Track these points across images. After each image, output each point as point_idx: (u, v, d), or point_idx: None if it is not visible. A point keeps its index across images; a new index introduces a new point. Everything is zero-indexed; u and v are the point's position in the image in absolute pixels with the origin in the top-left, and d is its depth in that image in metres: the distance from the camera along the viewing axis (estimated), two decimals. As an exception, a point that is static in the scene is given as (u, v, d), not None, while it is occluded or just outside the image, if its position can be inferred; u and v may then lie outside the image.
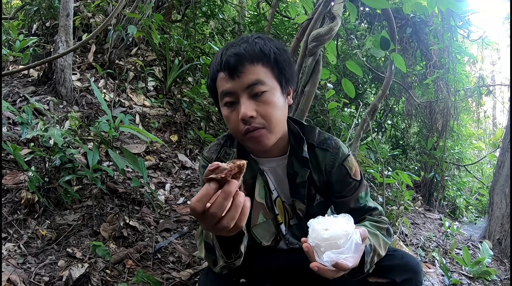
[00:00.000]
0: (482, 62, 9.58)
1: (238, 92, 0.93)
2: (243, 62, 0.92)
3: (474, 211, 4.81)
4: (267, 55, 0.94)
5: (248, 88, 0.92)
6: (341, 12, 1.82)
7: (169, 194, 2.21)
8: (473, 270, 2.32)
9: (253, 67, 0.93)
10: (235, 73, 0.92)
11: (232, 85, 0.93)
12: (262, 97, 0.93)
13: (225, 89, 0.94)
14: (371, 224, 1.03)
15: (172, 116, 2.95)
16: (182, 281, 1.53)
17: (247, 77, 0.92)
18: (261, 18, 4.30)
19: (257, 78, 0.92)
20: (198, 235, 1.02)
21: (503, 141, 3.54)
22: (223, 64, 0.93)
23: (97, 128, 1.68)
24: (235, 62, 0.92)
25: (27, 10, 3.25)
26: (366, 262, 0.89)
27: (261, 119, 0.93)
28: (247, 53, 0.93)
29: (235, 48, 0.94)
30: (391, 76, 2.36)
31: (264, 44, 0.95)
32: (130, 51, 3.38)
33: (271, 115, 0.94)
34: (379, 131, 4.87)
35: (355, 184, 1.07)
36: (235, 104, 0.94)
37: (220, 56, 0.96)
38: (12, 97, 2.36)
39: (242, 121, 0.92)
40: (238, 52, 0.93)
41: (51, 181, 1.67)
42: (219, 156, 1.10)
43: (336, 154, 1.06)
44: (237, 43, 0.96)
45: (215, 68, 0.97)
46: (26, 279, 1.31)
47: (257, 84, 0.92)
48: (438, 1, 1.72)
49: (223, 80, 0.94)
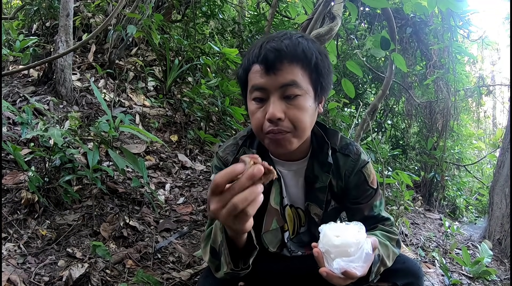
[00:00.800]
0: (482, 62, 9.59)
1: (270, 90, 0.88)
2: (282, 60, 0.87)
3: (474, 211, 4.81)
4: (309, 58, 0.89)
5: (281, 88, 0.88)
6: (341, 12, 1.82)
7: (169, 194, 2.21)
8: (473, 270, 2.32)
9: (291, 67, 0.88)
10: (271, 69, 0.87)
11: (266, 81, 0.88)
12: (294, 100, 0.89)
13: (257, 84, 0.89)
14: (382, 234, 1.03)
15: (172, 116, 2.95)
16: (182, 281, 1.53)
17: (283, 76, 0.87)
18: (261, 18, 4.30)
19: (293, 79, 0.88)
20: (204, 238, 1.00)
21: (503, 141, 3.54)
22: (261, 57, 0.88)
23: (97, 128, 1.68)
24: (274, 58, 0.87)
25: (27, 10, 3.25)
26: (372, 271, 0.88)
27: (289, 123, 0.89)
28: (288, 51, 0.87)
29: (276, 43, 0.88)
30: (391, 76, 2.36)
31: (307, 46, 0.90)
32: (130, 51, 3.38)
33: (300, 120, 0.89)
34: (379, 131, 4.88)
35: (371, 192, 1.07)
36: (264, 101, 0.90)
37: (259, 48, 0.90)
38: (12, 97, 2.36)
39: (269, 121, 0.88)
40: (279, 48, 0.87)
41: (51, 181, 1.68)
42: (237, 157, 1.05)
43: (356, 160, 1.05)
44: (279, 38, 0.90)
45: (251, 59, 0.91)
46: (26, 279, 1.31)
47: (292, 85, 0.88)
48: (438, 1, 1.71)
49: (257, 73, 0.89)
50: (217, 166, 1.08)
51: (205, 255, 0.95)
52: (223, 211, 0.66)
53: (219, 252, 0.86)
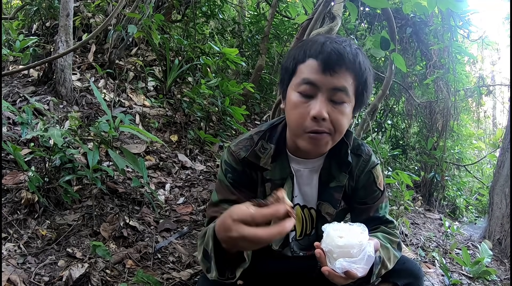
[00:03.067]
0: (482, 62, 9.58)
1: (321, 88, 0.89)
2: (342, 64, 0.88)
3: (474, 211, 4.81)
4: (362, 71, 0.92)
5: (332, 90, 0.89)
6: (341, 12, 1.82)
7: (169, 194, 2.21)
8: (473, 270, 2.32)
9: (347, 74, 0.90)
10: (329, 69, 0.88)
11: (321, 78, 0.89)
12: (339, 105, 0.91)
13: (310, 79, 0.89)
14: (384, 236, 1.03)
15: (172, 116, 2.95)
16: (182, 281, 1.53)
17: (338, 80, 0.89)
18: (261, 18, 4.30)
19: (345, 85, 0.90)
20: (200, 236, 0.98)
21: (503, 141, 3.54)
22: (322, 55, 0.88)
23: (97, 128, 1.68)
24: (335, 59, 0.88)
25: (27, 10, 3.25)
26: (373, 273, 0.90)
27: (330, 125, 0.91)
28: (348, 58, 0.89)
29: (338, 46, 0.90)
30: (391, 76, 2.36)
31: (363, 60, 0.93)
32: (130, 51, 3.38)
33: (340, 124, 0.92)
34: (379, 131, 4.87)
35: (378, 193, 1.09)
36: (310, 97, 0.91)
37: (320, 45, 0.90)
38: (12, 97, 2.36)
39: (313, 119, 0.89)
40: (342, 53, 0.89)
41: (51, 181, 1.67)
42: (255, 149, 1.04)
43: (367, 161, 1.07)
44: (340, 43, 0.91)
45: (308, 53, 0.91)
46: (26, 279, 1.31)
47: (342, 91, 0.90)
48: (438, 1, 1.71)
49: (313, 69, 0.89)
50: (226, 161, 1.06)
51: (199, 253, 0.95)
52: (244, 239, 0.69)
53: (210, 256, 0.86)
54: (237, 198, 1.03)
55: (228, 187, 1.04)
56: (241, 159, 1.04)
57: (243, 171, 1.05)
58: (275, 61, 4.61)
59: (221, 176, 1.07)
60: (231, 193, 1.04)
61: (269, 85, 4.45)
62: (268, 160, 1.04)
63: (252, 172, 1.05)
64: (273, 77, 4.38)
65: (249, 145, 1.06)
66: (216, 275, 0.84)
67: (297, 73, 0.93)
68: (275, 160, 1.04)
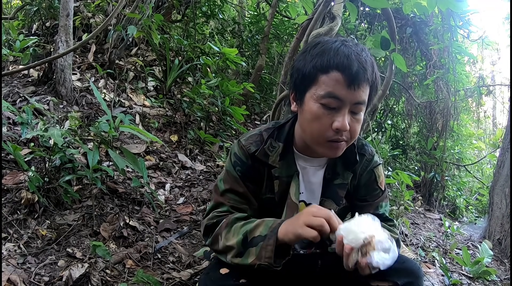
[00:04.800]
0: (482, 62, 9.58)
1: (346, 103, 0.92)
2: (365, 79, 0.92)
3: (474, 211, 4.81)
4: (376, 80, 0.96)
5: (355, 104, 0.93)
6: (341, 12, 1.82)
7: (169, 194, 2.21)
8: (473, 270, 2.32)
9: (367, 87, 0.94)
10: (354, 84, 0.90)
11: (346, 94, 0.91)
12: (357, 115, 0.95)
13: (337, 94, 0.91)
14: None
15: (172, 116, 2.95)
16: (182, 281, 1.53)
17: (360, 94, 0.92)
18: (261, 18, 4.31)
19: (365, 99, 0.94)
20: (232, 223, 1.01)
21: (503, 141, 3.54)
22: (348, 69, 0.90)
23: (97, 128, 1.68)
24: (361, 75, 0.90)
25: (27, 10, 3.25)
26: None
27: (349, 134, 0.96)
28: (367, 71, 0.92)
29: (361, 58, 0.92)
30: (391, 76, 2.36)
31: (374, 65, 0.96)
32: (130, 51, 3.38)
33: (357, 132, 0.97)
34: (379, 131, 4.87)
35: (378, 192, 1.13)
36: (333, 109, 0.93)
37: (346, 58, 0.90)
38: (12, 97, 2.36)
39: (336, 130, 0.93)
40: (365, 67, 0.91)
41: (51, 181, 1.67)
42: (264, 147, 1.07)
43: (370, 160, 1.11)
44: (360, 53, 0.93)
45: (332, 63, 0.91)
46: (26, 279, 1.31)
47: (362, 104, 0.94)
48: (438, 1, 1.71)
49: (338, 82, 0.90)
50: (236, 154, 1.09)
51: (229, 240, 0.97)
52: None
53: (249, 243, 0.93)
54: (244, 191, 1.07)
55: (236, 179, 1.07)
56: (251, 154, 1.07)
57: (251, 165, 1.08)
58: (275, 61, 4.61)
59: (229, 167, 1.09)
60: (238, 185, 1.07)
61: (269, 85, 4.45)
62: (276, 158, 1.07)
63: (260, 167, 1.08)
64: (273, 77, 4.38)
65: (259, 141, 1.08)
66: (268, 261, 0.90)
67: (319, 83, 0.93)
68: (282, 158, 1.07)
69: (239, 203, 1.06)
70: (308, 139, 1.01)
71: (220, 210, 1.06)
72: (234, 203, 1.06)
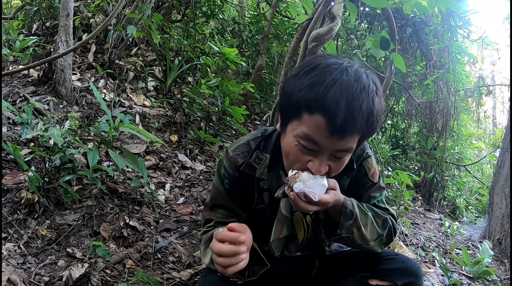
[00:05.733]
0: (482, 62, 9.57)
1: (325, 150, 0.83)
2: (352, 128, 0.80)
3: (474, 211, 4.81)
4: (373, 128, 0.85)
5: (336, 152, 0.85)
6: (341, 12, 1.82)
7: (169, 194, 2.21)
8: (473, 270, 2.32)
9: (355, 137, 0.83)
10: (338, 135, 0.80)
11: (327, 142, 0.81)
12: (341, 159, 0.87)
13: (316, 140, 0.82)
14: (369, 206, 1.05)
15: (172, 116, 2.95)
16: (182, 281, 1.53)
17: (343, 143, 0.82)
18: (261, 18, 4.30)
19: (351, 147, 0.85)
20: (205, 241, 1.03)
21: (503, 141, 3.54)
22: (332, 117, 0.78)
23: (97, 128, 1.68)
24: (347, 125, 0.78)
25: (27, 10, 3.25)
26: (342, 224, 0.94)
27: (329, 171, 0.88)
28: (360, 121, 0.79)
29: (354, 104, 0.78)
30: (391, 76, 2.36)
31: (377, 116, 0.84)
32: (130, 51, 3.38)
33: (338, 171, 0.90)
34: (379, 131, 4.87)
35: (370, 185, 1.08)
36: (312, 151, 0.85)
37: (334, 102, 0.77)
38: (12, 97, 2.36)
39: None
40: (356, 115, 0.78)
41: (51, 181, 1.67)
42: (250, 161, 1.03)
43: (360, 155, 1.06)
44: (356, 97, 0.79)
45: (318, 105, 0.79)
46: (26, 279, 1.31)
47: (347, 151, 0.85)
48: (438, 1, 1.71)
49: (319, 128, 0.80)
50: (224, 167, 1.06)
51: (205, 257, 0.99)
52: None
53: None
54: (231, 205, 1.06)
55: (222, 194, 1.06)
56: (238, 166, 1.04)
57: (239, 178, 1.05)
58: (275, 61, 4.61)
59: (217, 181, 1.08)
60: (225, 200, 1.06)
61: (269, 85, 4.45)
62: (264, 170, 1.03)
63: (249, 179, 1.05)
64: (273, 77, 4.38)
65: (247, 152, 1.04)
66: (237, 276, 0.90)
67: (302, 120, 0.83)
68: (271, 169, 1.03)
69: (227, 217, 1.06)
70: (285, 164, 0.95)
71: (209, 225, 1.08)
72: (222, 217, 1.06)
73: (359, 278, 1.03)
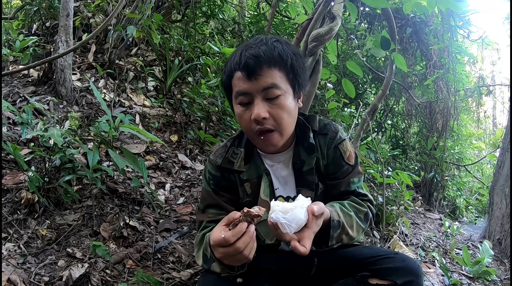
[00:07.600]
0: (482, 62, 9.58)
1: (253, 93, 0.97)
2: (261, 65, 0.95)
3: (474, 211, 4.81)
4: (285, 60, 0.98)
5: (263, 91, 0.96)
6: (341, 12, 1.82)
7: (169, 194, 2.21)
8: (473, 270, 2.32)
9: (270, 70, 0.96)
10: (252, 75, 0.95)
11: (249, 86, 0.96)
12: (276, 100, 0.97)
13: (241, 89, 0.98)
14: (350, 204, 1.09)
15: (172, 116, 2.95)
16: (182, 281, 1.53)
17: (263, 80, 0.95)
18: (261, 18, 4.30)
19: (273, 82, 0.96)
20: (197, 243, 1.08)
21: (503, 141, 3.54)
22: (241, 65, 0.96)
23: (97, 128, 1.68)
24: (253, 64, 0.94)
25: (27, 10, 3.25)
26: (331, 236, 0.98)
27: (273, 121, 0.98)
28: (265, 56, 0.95)
29: (254, 50, 0.96)
30: (391, 76, 2.36)
31: (282, 49, 0.98)
32: (130, 51, 3.38)
33: (282, 118, 0.99)
34: (379, 131, 4.88)
35: (347, 168, 1.13)
36: (249, 104, 0.98)
37: (239, 56, 0.97)
38: (12, 97, 2.36)
39: (255, 121, 0.97)
40: (257, 55, 0.95)
41: (51, 181, 1.67)
42: (227, 156, 1.14)
43: (333, 137, 1.12)
44: (256, 45, 0.98)
45: (233, 67, 0.99)
46: (26, 279, 1.31)
47: (273, 87, 0.96)
48: (438, 1, 1.72)
49: (240, 80, 0.97)
50: (208, 170, 1.16)
51: (198, 259, 1.04)
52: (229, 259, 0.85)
53: (209, 259, 0.98)
54: (219, 202, 1.12)
55: (211, 193, 1.14)
56: (218, 166, 1.13)
57: (222, 176, 1.14)
58: (275, 61, 4.60)
59: (205, 184, 1.16)
60: (213, 199, 1.13)
61: (269, 85, 4.44)
62: (241, 162, 1.12)
63: (231, 176, 1.14)
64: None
65: (224, 152, 1.16)
66: (226, 270, 0.93)
67: (233, 87, 1.01)
68: (248, 161, 1.13)
69: (217, 215, 1.10)
70: (249, 139, 1.08)
71: (202, 226, 1.12)
72: (212, 216, 1.11)
73: (359, 277, 1.04)
